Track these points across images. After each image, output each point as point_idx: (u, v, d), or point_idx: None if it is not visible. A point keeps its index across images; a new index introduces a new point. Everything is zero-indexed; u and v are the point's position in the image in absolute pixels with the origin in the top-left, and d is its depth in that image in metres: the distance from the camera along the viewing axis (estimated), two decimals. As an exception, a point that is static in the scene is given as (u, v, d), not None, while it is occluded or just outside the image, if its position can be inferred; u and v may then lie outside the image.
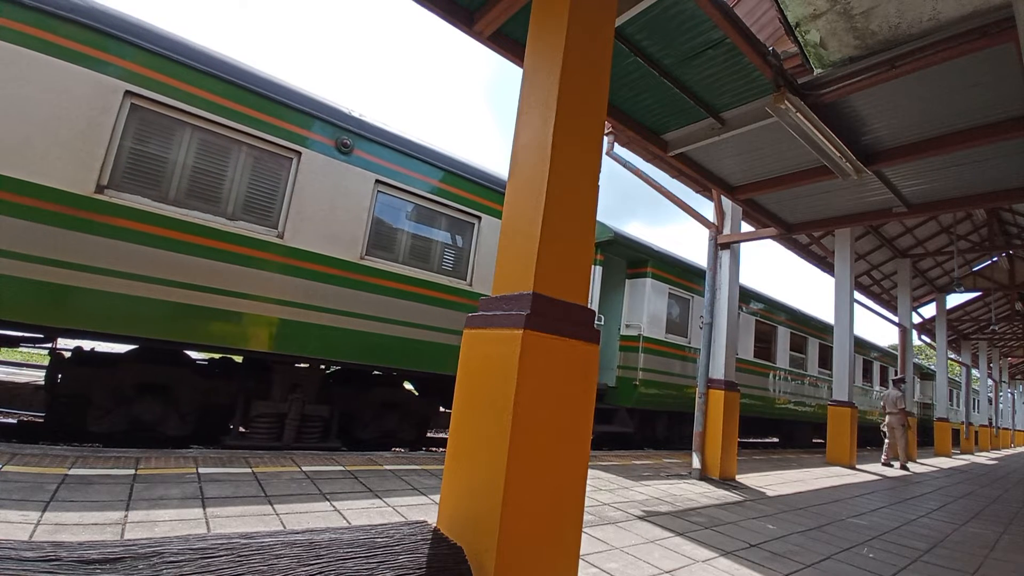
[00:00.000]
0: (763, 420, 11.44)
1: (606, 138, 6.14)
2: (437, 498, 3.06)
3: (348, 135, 4.94)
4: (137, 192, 3.91)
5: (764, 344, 11.20)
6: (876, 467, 8.96)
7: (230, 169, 4.36)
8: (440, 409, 6.37)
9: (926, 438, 18.26)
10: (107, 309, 3.72)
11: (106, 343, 4.26)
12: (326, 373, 5.35)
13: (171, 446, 4.61)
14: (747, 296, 10.45)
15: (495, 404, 1.84)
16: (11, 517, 2.09)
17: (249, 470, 3.33)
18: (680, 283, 9.04)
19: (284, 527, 2.38)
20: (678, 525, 3.37)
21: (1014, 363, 29.08)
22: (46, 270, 3.51)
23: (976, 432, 19.70)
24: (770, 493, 5.07)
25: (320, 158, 4.76)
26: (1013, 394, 33.79)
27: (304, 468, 3.58)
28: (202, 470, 3.17)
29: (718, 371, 5.74)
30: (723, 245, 6.06)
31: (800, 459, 8.73)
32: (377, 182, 5.13)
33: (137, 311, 3.83)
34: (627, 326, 8.46)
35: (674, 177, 7.58)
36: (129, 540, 1.46)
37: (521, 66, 2.75)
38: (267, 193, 4.54)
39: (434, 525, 1.98)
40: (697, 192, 7.91)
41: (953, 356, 19.97)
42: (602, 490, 4.15)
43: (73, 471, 2.81)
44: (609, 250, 8.36)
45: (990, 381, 24.62)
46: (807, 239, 10.88)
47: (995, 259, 13.07)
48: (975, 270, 14.42)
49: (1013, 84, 3.46)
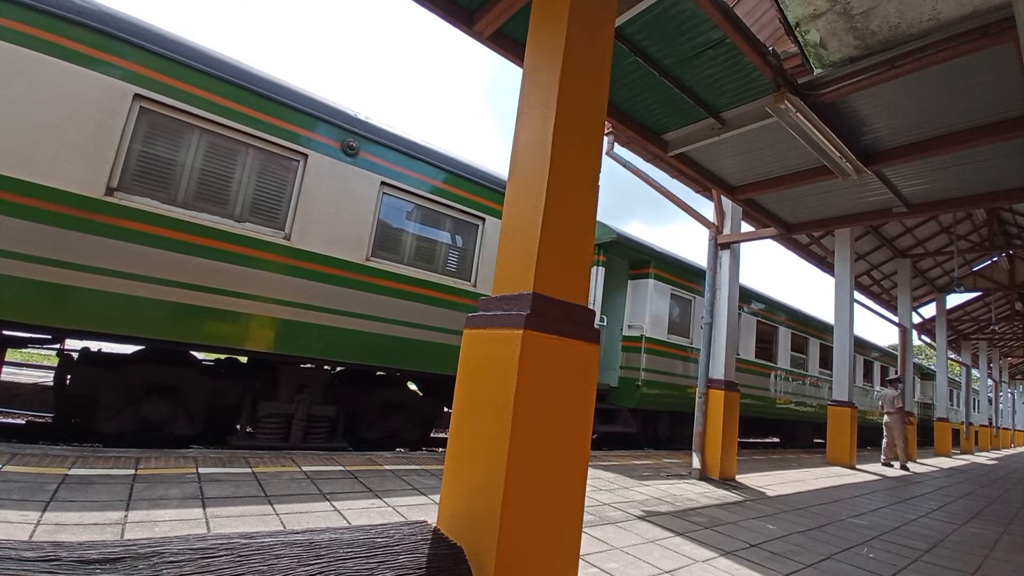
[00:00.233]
0: (763, 420, 11.44)
1: (606, 138, 6.14)
2: (437, 498, 3.05)
3: (354, 137, 4.95)
4: (146, 195, 3.93)
5: (765, 344, 11.19)
6: (876, 467, 8.96)
7: (238, 171, 4.37)
8: (444, 409, 6.38)
9: (926, 438, 18.27)
10: (117, 310, 3.74)
11: (113, 344, 4.27)
12: (332, 374, 5.36)
13: (173, 446, 4.61)
14: (748, 296, 10.44)
15: (495, 404, 1.84)
16: (11, 517, 2.09)
17: (249, 470, 3.33)
18: (682, 284, 9.04)
19: (284, 527, 2.38)
20: (678, 525, 3.37)
21: (1014, 363, 29.08)
22: (57, 272, 3.53)
23: (976, 432, 19.70)
24: (770, 493, 5.06)
25: (326, 160, 4.77)
26: (1013, 394, 33.79)
27: (304, 468, 3.58)
28: (202, 470, 3.17)
29: (718, 371, 5.74)
30: (723, 245, 6.06)
31: (800, 459, 8.73)
32: (382, 184, 5.14)
33: (146, 312, 3.85)
34: (629, 327, 8.46)
35: (674, 177, 7.57)
36: (129, 540, 1.46)
37: (521, 66, 2.75)
38: (274, 195, 4.55)
39: (434, 525, 1.98)
40: (697, 192, 7.91)
41: (953, 356, 19.97)
42: (602, 490, 4.15)
43: (73, 471, 2.81)
44: (612, 251, 8.37)
45: (990, 381, 24.61)
46: (807, 239, 10.88)
47: (995, 259, 13.07)
48: (975, 270, 14.41)
49: (1013, 84, 3.46)
